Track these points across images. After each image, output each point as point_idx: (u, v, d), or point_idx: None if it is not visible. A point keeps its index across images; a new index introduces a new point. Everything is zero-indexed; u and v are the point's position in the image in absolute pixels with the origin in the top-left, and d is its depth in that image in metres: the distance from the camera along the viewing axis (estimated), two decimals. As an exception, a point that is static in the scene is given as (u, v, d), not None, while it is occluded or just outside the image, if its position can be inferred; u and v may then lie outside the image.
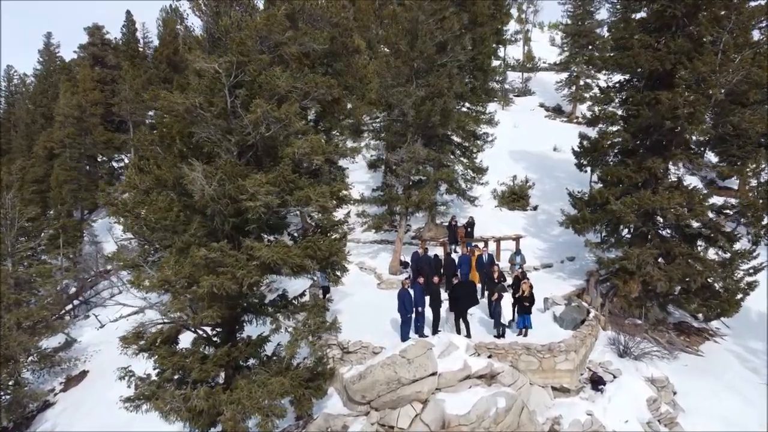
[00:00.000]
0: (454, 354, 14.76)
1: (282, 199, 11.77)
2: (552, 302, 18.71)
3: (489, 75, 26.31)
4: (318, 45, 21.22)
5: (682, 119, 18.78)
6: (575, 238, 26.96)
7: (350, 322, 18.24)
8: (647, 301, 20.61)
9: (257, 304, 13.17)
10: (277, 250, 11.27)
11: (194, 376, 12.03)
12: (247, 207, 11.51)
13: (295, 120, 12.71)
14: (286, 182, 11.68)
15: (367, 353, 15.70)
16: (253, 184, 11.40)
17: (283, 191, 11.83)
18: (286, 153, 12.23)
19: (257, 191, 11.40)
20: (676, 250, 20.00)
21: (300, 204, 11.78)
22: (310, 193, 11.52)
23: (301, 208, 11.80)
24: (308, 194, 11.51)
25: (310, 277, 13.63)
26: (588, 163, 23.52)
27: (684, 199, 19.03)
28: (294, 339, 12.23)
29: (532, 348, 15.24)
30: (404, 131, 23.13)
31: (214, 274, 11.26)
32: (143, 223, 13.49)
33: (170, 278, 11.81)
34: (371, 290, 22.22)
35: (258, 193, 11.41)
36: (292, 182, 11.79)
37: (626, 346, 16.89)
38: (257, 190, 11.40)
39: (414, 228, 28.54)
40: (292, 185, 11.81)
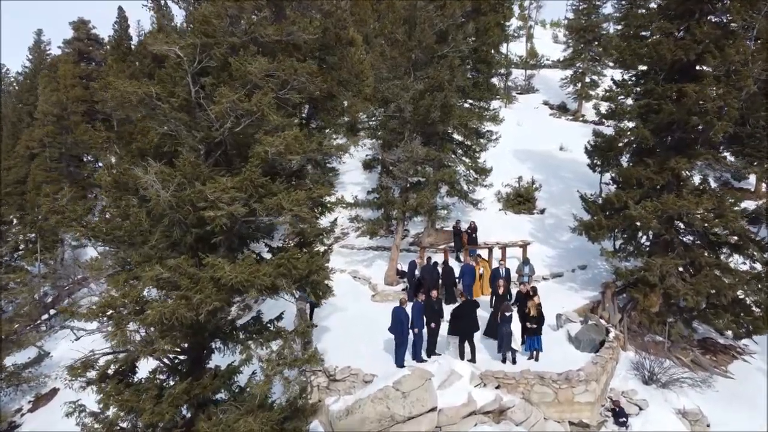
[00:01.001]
0: (457, 385, 12.77)
1: (250, 208, 9.76)
2: (566, 319, 16.72)
3: (493, 68, 24.33)
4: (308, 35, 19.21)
5: (710, 114, 16.78)
6: (586, 244, 24.97)
7: (339, 343, 16.34)
8: (669, 316, 18.61)
9: (225, 330, 11.15)
10: (242, 268, 9.26)
11: (145, 419, 10.02)
12: (211, 218, 9.51)
13: (269, 113, 10.71)
14: (254, 187, 9.67)
15: (356, 382, 13.71)
16: (213, 190, 9.40)
17: (251, 198, 9.82)
18: (256, 152, 10.22)
19: (219, 198, 9.40)
20: (702, 259, 18.01)
21: (271, 213, 9.77)
22: (283, 200, 9.51)
23: (273, 218, 9.80)
24: (280, 202, 9.50)
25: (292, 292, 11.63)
26: (601, 163, 21.53)
27: (713, 204, 17.02)
28: (265, 375, 10.22)
29: (547, 377, 13.24)
30: (401, 129, 21.12)
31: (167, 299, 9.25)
32: (91, 234, 11.51)
33: (116, 303, 9.81)
34: (364, 303, 20.23)
35: (220, 200, 9.41)
36: (261, 187, 9.77)
37: (652, 372, 14.88)
38: (219, 196, 9.40)
39: (412, 233, 26.52)
40: (262, 191, 9.79)
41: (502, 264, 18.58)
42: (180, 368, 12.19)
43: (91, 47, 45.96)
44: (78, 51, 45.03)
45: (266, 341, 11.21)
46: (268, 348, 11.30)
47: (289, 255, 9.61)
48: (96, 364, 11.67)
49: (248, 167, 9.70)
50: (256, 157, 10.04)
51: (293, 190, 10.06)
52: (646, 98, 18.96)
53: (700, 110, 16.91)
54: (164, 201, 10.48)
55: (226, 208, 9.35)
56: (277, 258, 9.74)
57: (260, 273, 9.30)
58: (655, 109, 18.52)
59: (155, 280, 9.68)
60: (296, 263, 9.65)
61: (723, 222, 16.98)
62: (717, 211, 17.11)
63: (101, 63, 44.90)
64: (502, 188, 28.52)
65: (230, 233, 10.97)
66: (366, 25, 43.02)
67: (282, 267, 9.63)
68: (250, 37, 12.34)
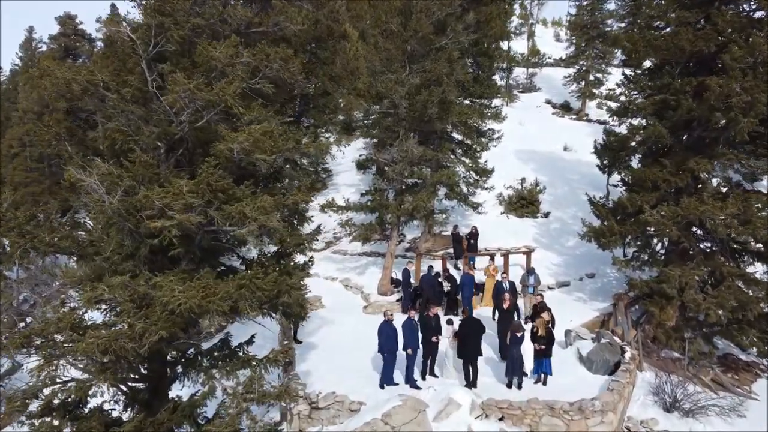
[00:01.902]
0: (455, 416, 11.21)
1: (207, 217, 8.19)
2: (575, 336, 15.15)
3: (495, 61, 22.77)
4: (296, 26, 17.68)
5: (735, 110, 15.21)
6: (594, 250, 23.33)
7: (325, 363, 14.78)
8: (687, 331, 17.02)
9: (188, 356, 9.57)
10: (193, 292, 7.67)
11: (85, 466, 8.47)
12: (157, 229, 7.93)
13: (234, 104, 9.15)
14: (212, 192, 8.09)
15: (342, 410, 12.13)
16: (162, 195, 7.83)
17: (209, 204, 8.25)
18: (218, 150, 8.66)
19: (169, 205, 7.83)
20: (724, 269, 16.42)
21: (233, 223, 8.18)
22: (246, 207, 7.93)
23: (235, 229, 8.22)
24: (242, 209, 7.92)
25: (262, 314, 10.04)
26: (612, 164, 19.95)
27: (738, 209, 15.42)
28: (227, 412, 8.66)
29: (557, 407, 11.64)
30: (396, 127, 19.53)
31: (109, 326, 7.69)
32: (30, 246, 9.94)
33: (49, 330, 8.23)
34: (356, 315, 18.68)
35: (170, 207, 7.84)
36: (222, 191, 8.19)
37: (674, 398, 13.29)
38: (169, 203, 7.83)
39: (408, 238, 24.95)
40: (222, 196, 8.22)
41: (505, 278, 16.99)
42: (139, 397, 10.64)
43: (78, 43, 44.45)
44: (64, 47, 43.54)
45: (233, 370, 9.63)
46: (235, 378, 9.73)
47: (251, 274, 8.02)
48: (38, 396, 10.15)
49: (205, 168, 8.11)
50: (217, 156, 8.46)
51: (260, 195, 8.46)
52: (662, 93, 17.36)
53: (725, 106, 15.35)
54: (111, 208, 8.92)
55: (177, 217, 7.77)
56: (237, 277, 8.15)
57: (216, 297, 7.70)
58: (673, 106, 16.93)
59: (94, 302, 8.11)
60: (261, 283, 8.06)
61: (750, 229, 15.39)
62: (743, 217, 15.51)
63: (88, 59, 43.39)
64: (504, 190, 26.92)
65: (191, 245, 9.41)
66: (362, 21, 41.54)
67: (244, 288, 8.05)
68: (218, 19, 10.78)
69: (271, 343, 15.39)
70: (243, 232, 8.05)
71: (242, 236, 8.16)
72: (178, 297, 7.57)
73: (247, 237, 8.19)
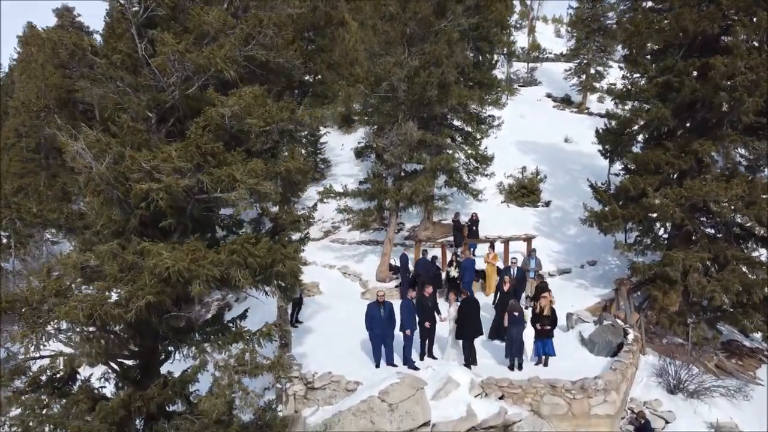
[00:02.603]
0: (454, 395, 10.93)
1: (196, 181, 7.91)
2: (577, 319, 14.86)
3: (495, 46, 22.45)
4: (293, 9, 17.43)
5: (740, 89, 14.93)
6: (595, 238, 23.14)
7: (321, 346, 14.50)
8: (691, 316, 16.74)
9: (175, 330, 9.28)
10: (181, 255, 7.40)
11: (71, 439, 8.19)
12: (143, 191, 7.65)
13: (225, 68, 8.87)
14: (201, 155, 7.81)
15: (338, 390, 11.84)
16: (150, 158, 7.56)
17: (199, 169, 7.97)
18: (209, 115, 8.37)
19: (156, 167, 7.55)
20: (728, 253, 16.14)
21: (223, 188, 7.90)
22: (236, 170, 7.65)
23: (224, 193, 7.93)
24: (232, 173, 7.64)
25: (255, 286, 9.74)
26: (613, 149, 19.65)
27: (743, 190, 15.13)
28: (217, 385, 8.38)
29: (559, 386, 11.35)
30: (394, 111, 19.23)
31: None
32: (17, 216, 9.69)
33: (33, 298, 7.95)
34: (353, 302, 18.34)
35: (158, 170, 7.56)
36: (212, 155, 7.92)
37: (679, 379, 13.01)
38: (156, 165, 7.55)
39: (408, 227, 24.67)
40: (212, 160, 7.94)
41: (515, 263, 16.66)
42: (131, 374, 10.38)
43: (82, 83, 44.09)
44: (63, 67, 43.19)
45: (225, 344, 9.35)
46: (227, 352, 9.45)
47: (243, 239, 7.74)
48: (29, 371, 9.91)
49: (194, 129, 7.84)
50: (207, 122, 8.18)
51: (251, 160, 8.18)
52: (665, 75, 17.06)
53: (729, 85, 15.07)
54: (99, 175, 8.64)
55: (165, 180, 7.49)
56: (229, 244, 7.86)
57: (206, 261, 7.43)
58: (676, 87, 16.64)
59: (79, 269, 7.84)
60: (253, 250, 7.78)
61: (755, 210, 15.10)
62: (748, 199, 15.23)
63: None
64: (505, 179, 26.64)
65: (182, 215, 9.13)
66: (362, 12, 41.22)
67: (236, 254, 7.76)
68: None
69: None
70: (232, 196, 7.76)
71: (232, 201, 7.86)
72: (166, 260, 7.28)
73: (237, 202, 7.88)
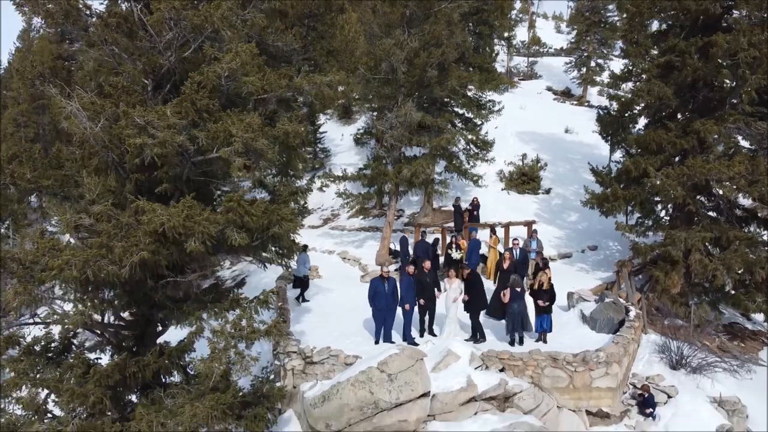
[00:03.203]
0: (454, 367, 10.79)
1: (191, 138, 7.77)
2: (578, 298, 14.72)
3: (495, 30, 22.31)
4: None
5: (743, 67, 14.80)
6: (596, 225, 23.05)
7: (320, 324, 14.36)
8: (693, 298, 16.60)
9: (168, 298, 9.12)
10: (176, 211, 7.26)
11: (64, 401, 8.05)
12: (137, 146, 7.50)
13: (223, 27, 8.74)
14: (196, 111, 7.67)
15: (337, 364, 11.69)
16: (142, 113, 7.42)
17: (195, 125, 7.83)
18: (205, 74, 8.23)
19: (151, 122, 7.41)
20: (731, 234, 15.99)
21: (219, 144, 7.76)
22: (231, 125, 7.51)
23: (219, 147, 7.78)
24: (227, 127, 7.50)
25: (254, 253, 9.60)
26: (614, 131, 19.49)
27: (746, 168, 15.00)
28: (213, 348, 8.24)
29: (560, 359, 11.20)
30: (394, 94, 19.10)
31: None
32: (10, 182, 9.56)
33: (26, 258, 7.82)
34: (353, 285, 18.23)
35: (152, 125, 7.42)
36: (207, 112, 7.78)
37: (681, 355, 12.87)
38: (150, 120, 7.41)
39: (407, 213, 24.54)
40: (207, 116, 7.81)
41: (516, 244, 16.47)
42: (125, 345, 10.26)
43: (77, 46, 44.01)
44: (60, 31, 43.04)
45: (221, 311, 9.21)
46: (224, 320, 9.32)
47: (238, 196, 7.59)
48: (22, 340, 9.80)
49: (188, 84, 7.70)
50: (202, 76, 8.03)
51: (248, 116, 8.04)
52: (666, 55, 16.92)
53: (732, 63, 14.94)
54: (94, 137, 8.51)
55: (159, 135, 7.35)
56: (225, 201, 7.72)
57: (201, 218, 7.29)
58: (677, 67, 16.50)
59: (74, 227, 7.70)
60: (249, 208, 7.64)
61: (757, 188, 14.96)
62: (751, 177, 15.09)
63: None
64: (505, 167, 26.51)
65: (178, 179, 8.99)
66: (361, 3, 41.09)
67: (232, 212, 7.62)
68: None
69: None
70: (228, 151, 7.61)
71: (228, 155, 7.71)
72: (161, 216, 7.14)
73: (233, 159, 7.73)
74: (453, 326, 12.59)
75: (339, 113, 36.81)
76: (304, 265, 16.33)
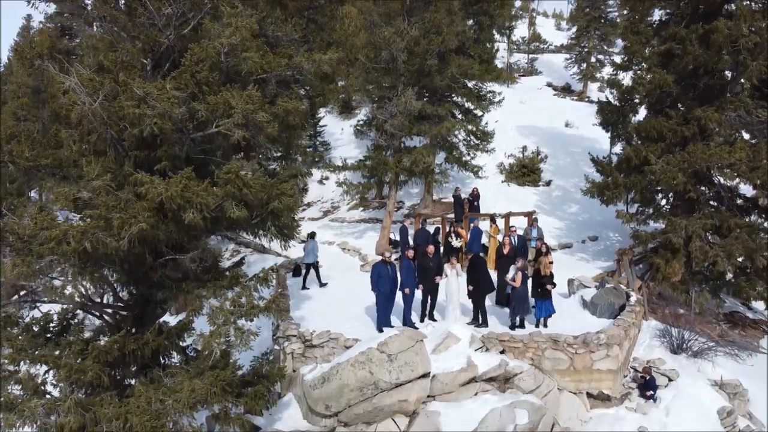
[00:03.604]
0: (454, 349, 10.76)
1: (190, 111, 7.73)
2: (579, 284, 14.66)
3: (495, 20, 22.28)
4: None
5: (744, 53, 14.77)
6: (596, 216, 23.04)
7: (319, 312, 14.24)
8: (694, 285, 16.56)
9: (167, 277, 9.06)
10: (174, 181, 7.22)
11: (62, 375, 8.02)
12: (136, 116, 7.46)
13: (223, 3, 8.71)
14: (196, 84, 7.64)
15: (336, 347, 11.65)
16: (142, 85, 7.39)
17: (194, 98, 7.80)
18: (205, 49, 8.19)
19: (150, 93, 7.37)
20: (731, 222, 15.96)
21: (219, 115, 7.72)
22: (231, 98, 7.48)
23: (218, 120, 7.74)
24: (227, 99, 7.46)
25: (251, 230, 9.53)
26: (615, 120, 19.44)
27: (746, 155, 14.97)
28: (212, 322, 8.21)
29: (561, 341, 11.17)
30: (394, 83, 19.07)
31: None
32: (9, 159, 9.53)
33: (23, 232, 7.79)
34: (353, 274, 18.15)
35: (151, 95, 7.38)
36: (206, 84, 7.74)
37: (682, 339, 12.83)
38: (150, 91, 7.38)
39: (408, 205, 24.50)
40: (206, 89, 7.77)
41: (514, 231, 16.40)
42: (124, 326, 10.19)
43: (75, 23, 43.97)
44: (60, 26, 43.01)
45: (221, 289, 9.16)
46: (224, 298, 9.28)
47: (236, 168, 7.53)
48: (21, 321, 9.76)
49: (188, 56, 7.66)
50: (202, 51, 7.99)
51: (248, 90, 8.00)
52: (667, 43, 16.88)
53: (733, 49, 14.91)
54: (92, 113, 8.46)
55: (159, 105, 7.31)
56: (223, 173, 7.67)
57: (199, 189, 7.25)
58: (678, 54, 16.46)
59: (72, 200, 7.66)
60: (248, 180, 7.60)
61: (758, 174, 14.93)
62: (752, 164, 15.06)
63: (85, 39, 42.93)
64: (505, 159, 26.48)
65: (177, 158, 8.95)
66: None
67: (230, 185, 7.58)
68: None
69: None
70: (227, 123, 7.57)
71: (227, 128, 7.66)
72: (159, 187, 7.10)
73: (233, 131, 7.68)
74: (455, 312, 12.52)
75: (339, 108, 36.83)
76: (312, 252, 16.34)
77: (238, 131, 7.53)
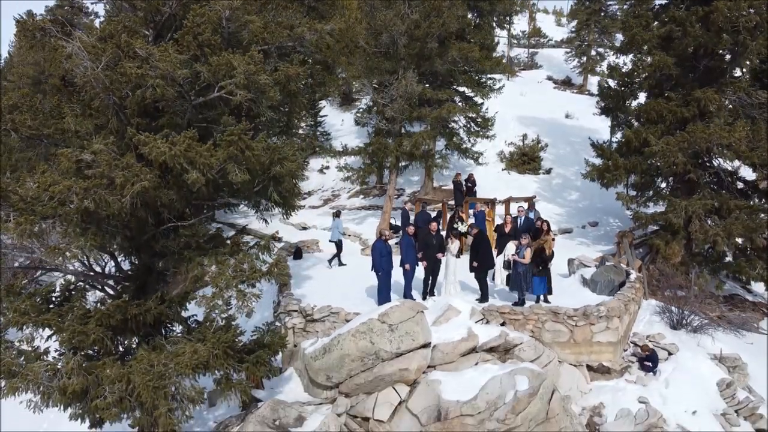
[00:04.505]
0: (455, 320, 10.78)
1: (192, 72, 7.76)
2: (579, 264, 14.71)
3: (496, 7, 22.27)
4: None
5: (744, 33, 14.80)
6: (596, 203, 23.12)
7: (320, 290, 14.30)
8: (694, 267, 16.59)
9: (170, 244, 9.08)
10: (178, 140, 7.25)
11: (65, 339, 8.05)
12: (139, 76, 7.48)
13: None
14: (198, 46, 7.67)
15: (337, 321, 11.71)
16: (144, 46, 7.41)
17: (196, 60, 7.83)
18: (207, 14, 8.21)
19: (153, 55, 7.40)
20: (731, 203, 16.00)
21: (220, 76, 7.75)
22: (234, 59, 7.50)
23: (220, 81, 7.76)
24: (229, 59, 7.49)
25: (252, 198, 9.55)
26: (615, 105, 19.46)
27: (746, 134, 14.99)
28: (215, 284, 8.24)
29: (561, 313, 11.21)
30: (395, 68, 19.09)
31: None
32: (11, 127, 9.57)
33: (26, 194, 7.82)
34: (353, 257, 18.20)
35: (153, 57, 7.41)
36: (209, 47, 7.77)
37: (681, 315, 12.87)
38: (152, 52, 7.41)
39: (408, 192, 24.54)
40: (208, 51, 7.80)
41: (521, 212, 16.31)
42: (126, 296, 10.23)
43: (76, 16, 44.03)
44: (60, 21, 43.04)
45: (222, 256, 9.19)
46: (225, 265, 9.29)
47: (239, 129, 7.55)
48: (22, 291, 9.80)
49: (190, 18, 7.68)
50: (202, 14, 8.01)
51: (250, 53, 8.01)
52: (667, 26, 16.90)
53: (733, 29, 14.93)
54: (95, 78, 8.50)
55: (161, 66, 7.34)
56: (226, 135, 7.69)
57: (202, 149, 7.28)
58: (678, 37, 16.48)
59: (74, 162, 7.69)
60: (250, 143, 7.62)
61: (758, 154, 14.96)
62: (751, 144, 15.09)
63: (86, 32, 42.93)
64: (506, 147, 26.52)
65: (178, 127, 8.97)
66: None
67: (233, 146, 7.60)
68: None
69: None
70: (229, 83, 7.60)
71: (229, 89, 7.68)
72: (161, 147, 7.13)
73: (235, 92, 7.69)
74: (454, 286, 12.56)
75: (340, 99, 36.93)
76: (337, 230, 16.66)
77: (240, 92, 7.56)
